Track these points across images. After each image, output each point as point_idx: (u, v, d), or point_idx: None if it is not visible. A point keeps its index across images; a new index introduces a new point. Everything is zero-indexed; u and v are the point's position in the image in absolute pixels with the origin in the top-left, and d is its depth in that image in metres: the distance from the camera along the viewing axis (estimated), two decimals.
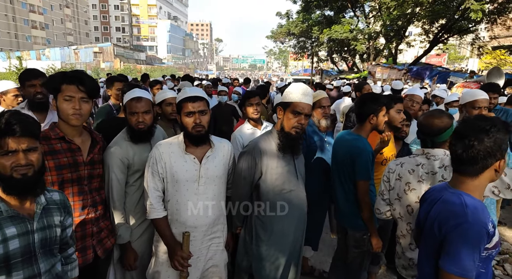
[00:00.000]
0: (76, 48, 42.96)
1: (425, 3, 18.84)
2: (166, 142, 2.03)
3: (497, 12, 18.16)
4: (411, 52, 30.35)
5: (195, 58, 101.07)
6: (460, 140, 1.36)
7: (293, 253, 2.18)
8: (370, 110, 2.46)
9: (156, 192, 1.98)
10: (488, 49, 24.03)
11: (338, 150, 2.67)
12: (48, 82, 1.91)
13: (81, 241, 1.92)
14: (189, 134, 1.95)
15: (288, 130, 2.00)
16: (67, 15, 67.18)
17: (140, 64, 45.65)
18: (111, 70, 32.12)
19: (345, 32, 22.08)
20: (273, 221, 2.07)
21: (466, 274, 1.28)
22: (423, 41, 22.93)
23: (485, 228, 1.28)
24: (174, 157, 1.96)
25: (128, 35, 79.72)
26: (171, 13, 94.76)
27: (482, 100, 2.99)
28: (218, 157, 2.07)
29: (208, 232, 2.05)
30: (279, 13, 28.11)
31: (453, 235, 1.32)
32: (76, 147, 1.89)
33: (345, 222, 2.68)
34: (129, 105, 2.15)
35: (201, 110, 1.92)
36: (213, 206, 2.04)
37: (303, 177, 2.22)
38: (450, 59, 36.42)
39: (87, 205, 1.94)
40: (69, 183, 1.86)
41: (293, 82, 10.85)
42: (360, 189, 2.44)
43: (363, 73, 22.23)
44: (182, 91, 1.99)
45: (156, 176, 1.96)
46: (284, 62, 54.73)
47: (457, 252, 1.29)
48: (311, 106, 2.02)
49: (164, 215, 1.99)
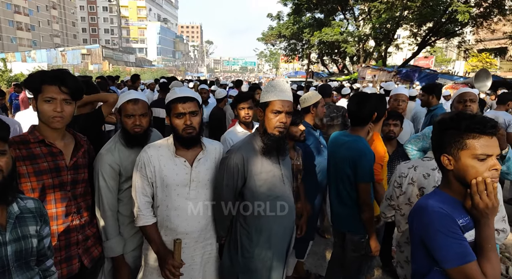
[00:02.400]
0: (63, 50, 42.30)
1: (413, 6, 19.13)
2: (155, 145, 1.93)
3: (483, 16, 18.52)
4: (400, 55, 30.80)
5: (186, 60, 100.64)
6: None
7: (280, 261, 2.03)
8: (372, 111, 2.41)
9: (144, 198, 1.87)
10: (474, 52, 24.50)
11: (336, 151, 2.57)
12: (27, 81, 1.76)
13: (65, 250, 1.79)
14: (179, 136, 1.85)
15: (271, 131, 1.87)
16: (54, 16, 66.05)
17: (129, 66, 45.18)
18: (99, 72, 31.68)
19: (335, 34, 22.22)
20: (259, 230, 1.92)
21: (465, 259, 1.24)
22: (412, 44, 23.28)
23: (444, 212, 1.28)
24: (164, 161, 1.87)
25: (117, 37, 78.86)
26: (161, 15, 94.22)
27: (466, 94, 3.05)
28: (210, 160, 1.98)
29: (201, 238, 1.95)
30: (270, 14, 28.15)
31: (424, 232, 1.33)
32: (57, 150, 1.77)
33: (342, 226, 2.61)
34: (125, 107, 2.02)
35: (192, 111, 1.83)
36: (205, 211, 1.94)
37: (290, 181, 2.08)
38: (437, 61, 37.00)
39: (71, 211, 1.82)
40: (50, 189, 1.74)
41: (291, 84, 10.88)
42: (362, 191, 2.37)
43: (353, 75, 22.39)
44: (172, 92, 1.89)
45: (144, 181, 1.86)
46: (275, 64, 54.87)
47: (439, 246, 1.28)
48: (291, 102, 1.89)
49: (154, 221, 1.88)
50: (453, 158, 1.32)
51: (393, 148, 3.18)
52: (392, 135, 3.10)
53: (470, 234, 1.31)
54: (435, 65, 33.93)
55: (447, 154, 1.34)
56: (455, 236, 1.26)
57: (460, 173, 1.32)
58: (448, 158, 1.34)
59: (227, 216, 1.98)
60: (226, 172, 1.88)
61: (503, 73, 22.01)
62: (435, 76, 15.61)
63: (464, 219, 1.31)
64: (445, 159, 1.35)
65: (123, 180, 2.04)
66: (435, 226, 1.29)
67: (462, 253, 1.25)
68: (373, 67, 19.51)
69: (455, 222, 1.28)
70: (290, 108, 1.87)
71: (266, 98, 1.87)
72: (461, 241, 1.26)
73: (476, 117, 1.30)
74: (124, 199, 2.05)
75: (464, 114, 1.35)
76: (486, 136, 1.27)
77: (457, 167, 1.32)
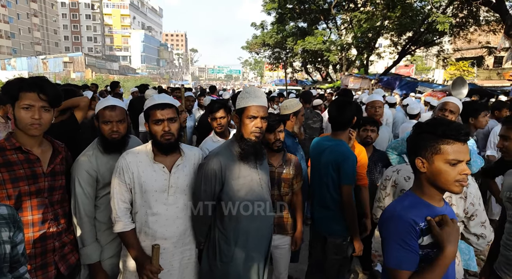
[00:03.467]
0: (44, 57, 41.58)
1: (393, 17, 19.74)
2: (133, 151, 1.94)
3: (459, 26, 19.23)
4: (381, 63, 31.55)
5: (170, 68, 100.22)
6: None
7: (258, 265, 2.05)
8: (351, 116, 2.53)
9: (123, 204, 1.88)
10: (452, 61, 25.38)
11: (319, 156, 2.62)
12: (5, 88, 1.75)
13: (41, 258, 1.77)
14: (158, 142, 1.87)
15: (247, 136, 1.89)
16: (35, 24, 64.79)
17: (113, 74, 44.67)
18: (82, 80, 31.17)
19: (318, 43, 22.62)
20: (236, 234, 1.94)
21: (400, 265, 1.34)
22: (392, 53, 23.92)
23: (408, 220, 1.34)
24: (142, 167, 1.88)
25: (100, 45, 77.96)
26: (145, 23, 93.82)
27: (448, 104, 3.10)
28: (189, 166, 2.00)
29: (179, 243, 1.96)
30: (254, 23, 28.46)
31: (382, 230, 1.44)
32: (34, 157, 1.76)
33: (323, 229, 2.65)
34: (102, 114, 2.03)
35: (170, 118, 1.86)
36: (184, 217, 1.96)
37: (268, 185, 2.10)
38: (417, 70, 38.05)
39: (47, 218, 1.80)
40: (27, 196, 1.72)
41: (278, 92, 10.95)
42: (345, 193, 2.46)
43: (336, 83, 22.78)
44: (150, 99, 1.91)
45: (123, 187, 1.87)
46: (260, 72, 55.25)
47: (386, 246, 1.39)
48: (266, 107, 1.93)
49: (132, 227, 1.89)
50: (427, 162, 1.38)
51: (370, 153, 3.27)
52: (369, 141, 3.19)
53: None
54: (416, 74, 34.87)
55: (422, 157, 1.39)
56: (403, 245, 1.34)
57: (432, 176, 1.38)
58: (422, 161, 1.39)
59: (205, 222, 2.00)
60: (203, 178, 1.91)
61: (480, 81, 22.83)
62: (415, 84, 16.04)
63: None
64: (419, 162, 1.40)
65: (100, 187, 2.04)
66: (390, 231, 1.39)
67: (401, 259, 1.34)
68: (356, 75, 19.89)
69: (411, 231, 1.33)
70: (265, 113, 1.92)
71: (242, 104, 1.91)
72: (407, 250, 1.33)
73: (452, 124, 1.36)
74: (101, 205, 2.05)
75: (441, 120, 1.41)
76: (459, 143, 1.34)
77: (430, 170, 1.37)
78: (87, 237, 1.97)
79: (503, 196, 2.02)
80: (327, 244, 2.61)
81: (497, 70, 25.79)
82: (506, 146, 2.03)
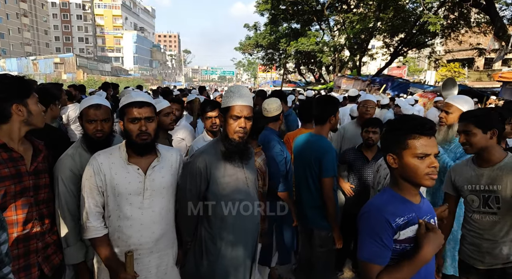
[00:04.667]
0: (35, 58, 41.06)
1: (385, 18, 19.93)
2: (105, 151, 1.84)
3: (450, 27, 19.49)
4: (374, 64, 31.78)
5: (163, 69, 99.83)
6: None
7: (245, 263, 2.02)
8: (330, 112, 2.69)
9: (95, 208, 1.78)
10: (444, 62, 25.69)
11: (302, 152, 2.71)
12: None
13: (24, 259, 1.70)
14: (132, 142, 1.77)
15: (231, 136, 1.86)
16: (25, 24, 63.88)
17: (105, 76, 44.28)
18: (73, 81, 30.87)
19: (311, 44, 22.72)
20: (222, 233, 1.91)
21: (372, 259, 1.37)
22: (385, 54, 24.14)
23: (384, 216, 1.36)
24: (115, 168, 1.78)
25: (92, 45, 77.11)
26: (137, 24, 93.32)
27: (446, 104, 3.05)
28: (166, 167, 1.91)
29: (156, 249, 1.87)
30: (247, 25, 28.47)
31: (359, 223, 1.45)
32: (18, 155, 1.70)
33: (310, 223, 2.74)
34: (87, 112, 1.99)
35: (147, 117, 1.77)
36: (160, 221, 1.86)
37: (254, 184, 2.07)
38: (410, 71, 38.44)
39: (31, 218, 1.73)
40: (12, 196, 1.65)
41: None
42: (326, 186, 2.56)
43: (329, 84, 22.87)
44: (127, 96, 1.82)
45: (94, 190, 1.77)
46: (253, 73, 55.30)
47: (361, 239, 1.42)
48: (250, 107, 1.89)
49: (105, 233, 1.79)
50: (397, 157, 1.41)
51: (373, 154, 3.28)
52: (371, 142, 3.20)
53: (412, 230, 1.40)
54: (408, 75, 35.23)
55: (392, 154, 1.43)
56: (377, 240, 1.36)
57: (403, 171, 1.41)
58: (393, 157, 1.43)
59: (192, 221, 1.96)
60: (189, 177, 1.87)
61: (470, 83, 23.11)
62: (407, 85, 16.24)
63: (408, 216, 1.39)
64: (390, 158, 1.44)
65: None
66: (365, 225, 1.42)
67: (373, 254, 1.37)
68: (348, 76, 20.02)
69: (387, 227, 1.36)
70: (250, 113, 1.87)
71: (226, 103, 1.88)
72: (380, 245, 1.36)
73: (417, 120, 1.41)
74: None
75: (407, 116, 1.46)
76: (425, 137, 1.37)
77: (401, 165, 1.41)
78: (72, 237, 1.91)
79: (464, 190, 2.10)
80: (313, 237, 2.70)
81: (487, 72, 26.17)
82: (468, 140, 2.05)
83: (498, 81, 13.51)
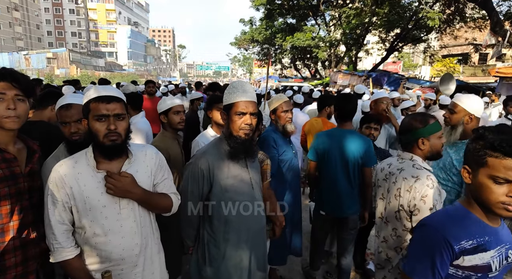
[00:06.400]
0: (27, 53, 40.47)
1: (381, 13, 19.85)
2: (68, 161, 1.58)
3: (446, 22, 19.49)
4: (369, 60, 31.78)
5: (158, 64, 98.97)
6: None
7: (254, 271, 1.94)
8: (355, 110, 2.98)
9: (62, 226, 1.54)
10: (439, 57, 25.73)
11: (342, 146, 2.85)
12: None
13: (22, 266, 1.62)
14: (100, 144, 1.52)
15: (236, 134, 1.78)
16: (16, 18, 62.76)
17: (99, 71, 43.81)
18: (67, 77, 30.46)
19: (307, 39, 22.62)
20: (227, 237, 1.83)
21: (411, 274, 1.24)
22: (380, 49, 24.10)
23: (445, 237, 1.18)
24: (83, 179, 1.53)
25: (85, 40, 76.27)
26: (131, 18, 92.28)
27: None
28: (141, 169, 1.66)
29: (140, 261, 1.68)
30: (242, 19, 28.27)
31: (414, 233, 1.32)
32: (11, 156, 1.60)
33: (345, 212, 2.93)
34: (60, 114, 1.86)
35: (117, 114, 1.53)
36: (141, 230, 1.67)
37: (259, 185, 1.99)
38: (405, 66, 38.49)
39: (28, 223, 1.65)
40: (7, 199, 1.57)
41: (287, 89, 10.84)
42: (368, 174, 2.85)
43: (325, 80, 22.83)
44: (93, 90, 1.57)
45: (59, 207, 1.53)
46: (249, 69, 55.03)
47: (411, 251, 1.29)
48: (255, 103, 1.81)
49: (77, 253, 1.57)
50: (472, 173, 1.21)
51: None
52: (371, 138, 3.18)
53: (481, 257, 1.19)
54: (403, 70, 35.27)
55: (468, 166, 1.23)
56: (426, 260, 1.21)
57: (475, 190, 1.21)
58: (468, 170, 1.23)
59: (193, 224, 1.89)
60: (190, 178, 1.80)
61: (465, 78, 23.18)
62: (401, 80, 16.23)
63: (479, 239, 1.19)
64: (464, 171, 1.24)
65: None
66: (420, 239, 1.28)
67: (416, 271, 1.23)
68: (344, 71, 19.99)
69: (445, 248, 1.18)
70: (255, 108, 1.81)
71: (229, 99, 1.80)
72: (426, 266, 1.21)
73: (505, 133, 1.13)
74: None
75: (503, 127, 1.18)
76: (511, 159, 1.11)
77: (474, 183, 1.20)
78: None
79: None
80: (347, 222, 2.95)
81: (482, 67, 26.27)
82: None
83: (494, 76, 13.54)
